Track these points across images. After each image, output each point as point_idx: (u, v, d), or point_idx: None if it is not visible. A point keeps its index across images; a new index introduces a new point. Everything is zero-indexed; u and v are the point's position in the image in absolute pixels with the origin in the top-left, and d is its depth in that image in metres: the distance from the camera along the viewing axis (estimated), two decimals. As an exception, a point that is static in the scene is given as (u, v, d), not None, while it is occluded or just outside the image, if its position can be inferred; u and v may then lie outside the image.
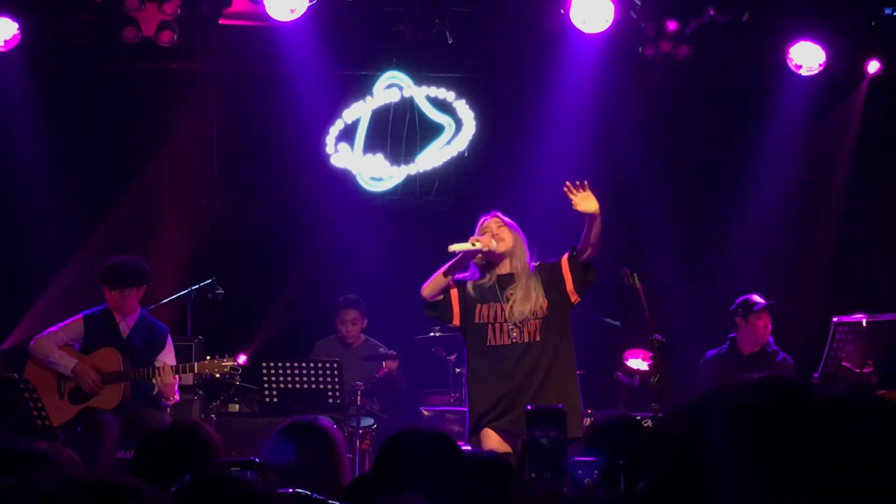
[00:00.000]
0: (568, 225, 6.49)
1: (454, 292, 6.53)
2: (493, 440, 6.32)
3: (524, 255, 6.51)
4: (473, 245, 6.37)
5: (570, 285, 6.45)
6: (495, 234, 6.46)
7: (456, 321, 6.55)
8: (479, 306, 6.46)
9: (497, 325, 6.40)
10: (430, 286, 6.50)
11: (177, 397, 7.98)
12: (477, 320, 6.46)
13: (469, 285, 6.51)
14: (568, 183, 6.35)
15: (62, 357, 7.84)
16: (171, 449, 3.54)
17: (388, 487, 3.01)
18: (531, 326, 6.37)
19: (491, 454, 4.59)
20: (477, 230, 6.54)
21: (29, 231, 10.02)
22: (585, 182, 6.38)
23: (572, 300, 6.47)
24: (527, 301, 6.37)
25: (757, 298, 8.66)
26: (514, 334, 6.37)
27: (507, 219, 6.58)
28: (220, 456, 3.36)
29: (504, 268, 6.50)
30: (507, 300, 6.41)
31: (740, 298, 8.72)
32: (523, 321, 6.36)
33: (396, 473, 3.07)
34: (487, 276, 6.50)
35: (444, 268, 6.47)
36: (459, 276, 6.54)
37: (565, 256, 6.50)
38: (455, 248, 6.36)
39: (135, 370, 7.80)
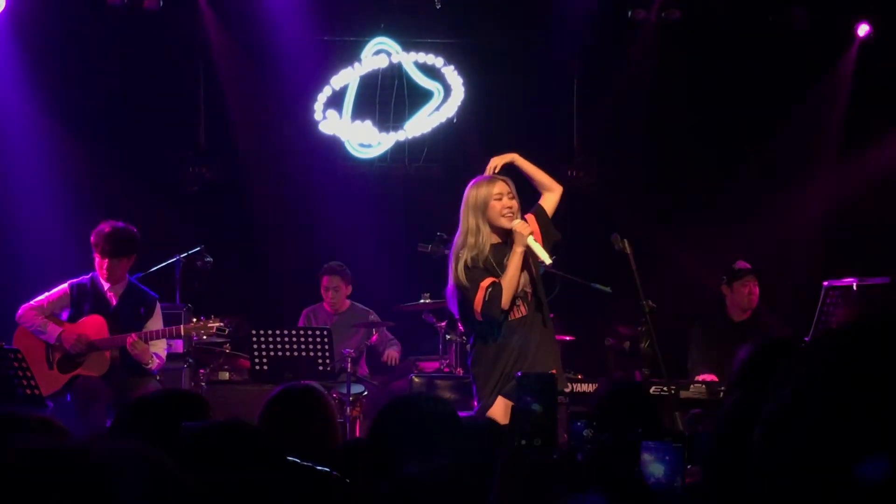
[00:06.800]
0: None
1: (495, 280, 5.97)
2: (500, 406, 5.92)
3: None
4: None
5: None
6: (511, 206, 5.97)
7: None
8: None
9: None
10: (510, 294, 5.91)
11: (157, 363, 7.86)
12: None
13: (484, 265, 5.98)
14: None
15: (46, 325, 7.78)
16: (159, 414, 3.48)
17: (386, 454, 2.98)
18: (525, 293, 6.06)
19: (485, 420, 4.56)
20: (484, 196, 5.96)
21: (14, 199, 9.94)
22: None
23: (546, 262, 5.98)
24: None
25: (741, 264, 8.63)
26: (519, 303, 6.01)
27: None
28: (210, 418, 3.31)
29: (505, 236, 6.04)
30: None
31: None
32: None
33: (396, 440, 3.05)
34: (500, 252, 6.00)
35: (517, 272, 5.89)
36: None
37: (530, 214, 6.09)
38: (535, 248, 5.85)
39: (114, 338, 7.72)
